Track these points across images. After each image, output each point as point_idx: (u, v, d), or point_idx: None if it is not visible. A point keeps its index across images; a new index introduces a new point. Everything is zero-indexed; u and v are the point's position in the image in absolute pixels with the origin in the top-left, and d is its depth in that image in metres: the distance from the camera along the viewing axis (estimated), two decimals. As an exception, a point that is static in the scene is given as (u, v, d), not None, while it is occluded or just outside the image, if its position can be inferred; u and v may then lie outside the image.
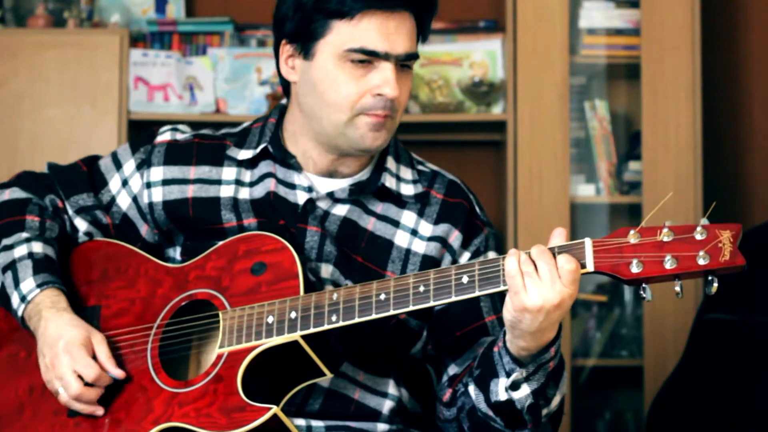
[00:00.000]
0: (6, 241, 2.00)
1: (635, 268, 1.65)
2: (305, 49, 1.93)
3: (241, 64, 3.67)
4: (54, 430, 1.90)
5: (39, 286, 1.93)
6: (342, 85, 1.90)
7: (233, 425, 1.75)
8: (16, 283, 1.94)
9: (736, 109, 3.89)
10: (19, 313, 1.94)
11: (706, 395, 2.92)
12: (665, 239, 1.65)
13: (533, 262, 1.68)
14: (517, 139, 3.58)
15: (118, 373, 1.87)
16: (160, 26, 3.73)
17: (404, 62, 1.91)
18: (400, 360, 1.99)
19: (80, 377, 1.85)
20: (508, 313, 1.70)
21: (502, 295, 1.73)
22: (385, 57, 1.89)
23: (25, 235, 2.00)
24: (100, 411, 1.87)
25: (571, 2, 3.62)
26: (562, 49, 3.59)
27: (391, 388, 1.97)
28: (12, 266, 1.96)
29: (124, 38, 3.61)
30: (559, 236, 1.72)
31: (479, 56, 3.73)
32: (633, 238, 1.66)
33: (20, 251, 1.97)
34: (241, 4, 3.84)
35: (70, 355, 1.85)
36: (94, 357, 1.88)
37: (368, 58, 1.88)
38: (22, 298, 1.93)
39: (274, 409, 1.75)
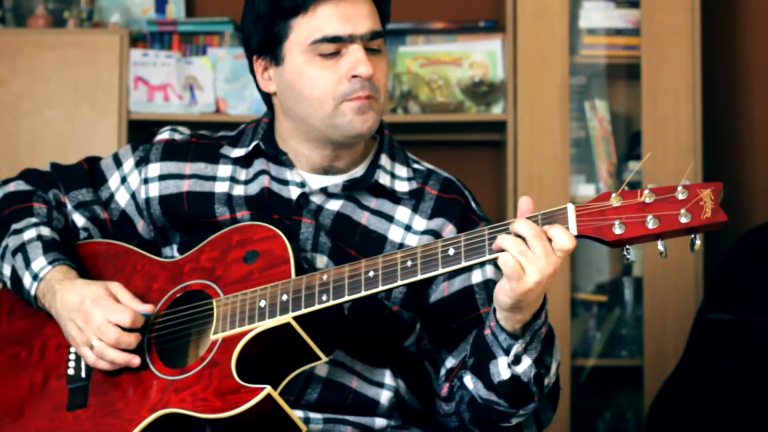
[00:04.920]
0: (15, 226, 2.03)
1: (618, 230, 1.66)
2: (275, 56, 1.97)
3: (241, 64, 3.67)
4: (54, 425, 1.91)
5: (50, 263, 1.97)
6: (317, 79, 1.93)
7: (228, 407, 1.76)
8: (27, 263, 1.97)
9: (736, 109, 3.88)
10: (32, 292, 1.97)
11: (706, 395, 2.92)
12: (647, 200, 1.66)
13: (523, 239, 1.69)
14: (517, 139, 3.58)
15: (148, 307, 1.90)
16: (160, 26, 3.73)
17: (371, 42, 1.94)
18: (395, 352, 2.00)
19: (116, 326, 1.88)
20: (507, 297, 1.71)
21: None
22: (350, 39, 1.92)
23: (33, 220, 2.03)
24: (136, 360, 1.88)
25: (571, 2, 3.62)
26: (562, 49, 3.59)
27: (388, 379, 1.98)
28: (22, 248, 1.99)
29: (124, 38, 3.61)
30: (526, 204, 1.74)
31: (479, 56, 3.73)
32: (615, 201, 1.68)
33: (29, 234, 2.00)
34: (241, 4, 3.82)
35: (100, 306, 1.89)
36: None
37: (335, 47, 1.91)
38: (34, 277, 1.96)
39: (268, 389, 1.75)
